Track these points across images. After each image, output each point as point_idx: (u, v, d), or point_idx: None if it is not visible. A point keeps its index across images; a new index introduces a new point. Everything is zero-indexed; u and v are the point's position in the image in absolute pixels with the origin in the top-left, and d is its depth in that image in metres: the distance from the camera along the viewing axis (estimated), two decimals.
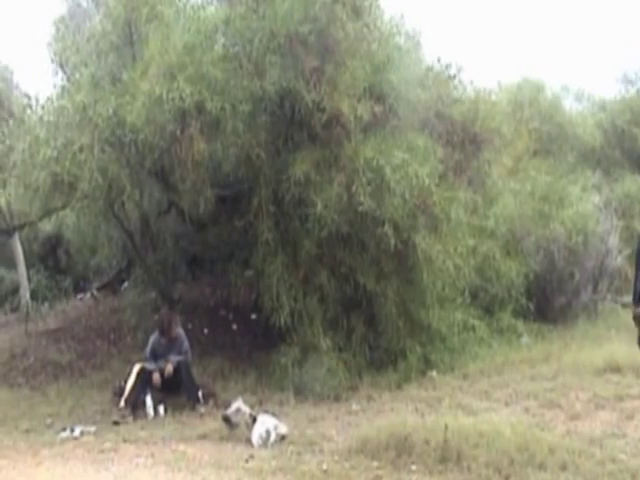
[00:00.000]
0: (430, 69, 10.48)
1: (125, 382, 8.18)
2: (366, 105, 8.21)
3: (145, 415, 7.79)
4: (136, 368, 8.18)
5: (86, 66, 8.99)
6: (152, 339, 8.40)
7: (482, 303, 10.11)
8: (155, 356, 8.24)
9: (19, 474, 6.05)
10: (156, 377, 7.98)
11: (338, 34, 8.23)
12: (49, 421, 7.76)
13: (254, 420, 6.57)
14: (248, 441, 6.44)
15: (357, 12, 8.67)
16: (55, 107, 8.58)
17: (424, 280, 8.55)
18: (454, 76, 10.69)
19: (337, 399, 7.85)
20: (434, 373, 8.46)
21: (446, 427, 5.57)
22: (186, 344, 8.31)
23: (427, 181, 8.08)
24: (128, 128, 7.85)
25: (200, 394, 8.04)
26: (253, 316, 9.77)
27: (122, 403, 7.94)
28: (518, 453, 5.32)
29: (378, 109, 8.42)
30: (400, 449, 5.67)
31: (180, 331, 8.42)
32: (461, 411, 6.70)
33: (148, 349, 8.34)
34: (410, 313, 8.73)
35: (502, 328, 9.99)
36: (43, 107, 9.08)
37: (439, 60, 10.51)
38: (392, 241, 7.88)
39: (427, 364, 8.59)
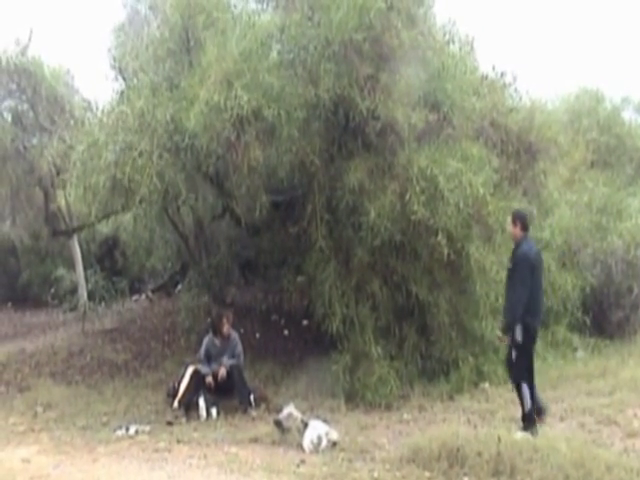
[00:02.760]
0: (485, 77, 10.34)
1: (179, 384, 8.31)
2: (420, 113, 8.18)
3: (198, 417, 7.90)
4: (190, 370, 8.32)
5: (144, 72, 9.17)
6: (206, 340, 8.51)
7: None
8: (209, 357, 8.35)
9: (77, 470, 6.22)
10: (209, 380, 8.09)
11: (393, 42, 8.20)
12: (105, 419, 7.95)
13: (305, 425, 6.60)
14: (299, 446, 6.48)
15: (412, 20, 8.63)
16: (114, 112, 8.74)
17: (477, 290, 8.47)
18: (509, 84, 10.56)
19: (388, 407, 7.83)
20: (487, 385, 8.36)
21: (499, 440, 5.50)
22: (239, 347, 8.40)
23: (481, 191, 7.99)
24: (185, 134, 7.98)
25: (252, 398, 8.12)
26: (305, 322, 9.81)
27: (175, 404, 8.09)
28: (574, 469, 5.21)
29: (432, 117, 8.38)
30: (452, 460, 5.61)
31: (233, 332, 8.52)
32: (515, 425, 6.59)
33: (202, 350, 8.45)
34: (463, 323, 8.65)
35: (557, 342, 9.80)
36: (103, 111, 9.33)
37: (494, 68, 10.41)
38: (445, 251, 7.81)
39: (480, 375, 8.48)
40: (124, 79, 10.21)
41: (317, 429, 6.52)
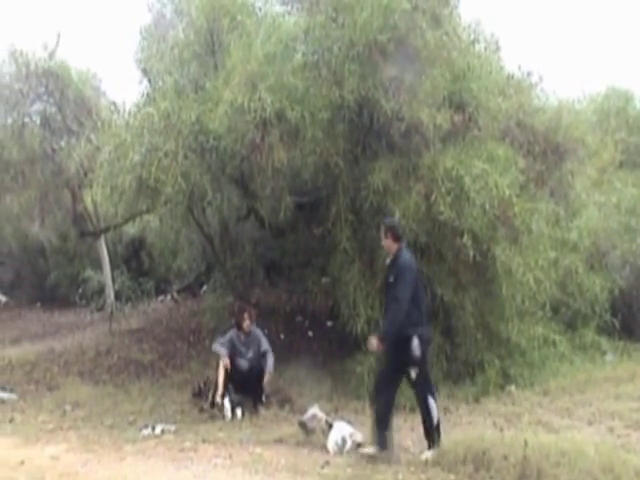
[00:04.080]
0: (511, 77, 10.26)
1: (204, 384, 8.33)
2: (446, 114, 8.14)
3: (223, 417, 7.94)
4: (222, 363, 8.29)
5: (170, 74, 9.27)
6: (231, 332, 8.51)
7: (564, 318, 9.84)
8: (234, 351, 8.32)
9: (104, 468, 6.28)
10: (225, 362, 8.13)
11: (417, 42, 8.18)
12: (131, 418, 8.02)
13: (330, 427, 6.60)
14: (324, 447, 6.47)
15: (437, 20, 8.61)
16: (140, 114, 8.83)
17: (503, 292, 8.38)
18: (536, 84, 10.46)
19: (413, 410, 7.69)
20: (513, 388, 8.29)
21: (526, 443, 5.44)
22: (265, 344, 8.37)
23: (507, 192, 7.93)
24: (210, 135, 8.04)
25: (264, 397, 8.17)
26: (329, 323, 9.82)
27: (218, 399, 8.06)
28: (602, 475, 5.14)
29: (458, 118, 8.33)
30: (478, 463, 5.57)
31: (256, 328, 8.51)
32: (541, 428, 6.54)
33: (225, 337, 8.45)
34: (489, 326, 8.58)
35: (585, 344, 9.70)
36: (129, 113, 9.43)
37: (520, 68, 10.32)
38: (471, 252, 7.77)
39: (506, 378, 8.41)
40: (150, 81, 10.32)
41: (341, 430, 6.50)
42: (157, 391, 9.24)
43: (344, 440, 6.40)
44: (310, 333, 10.27)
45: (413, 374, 6.07)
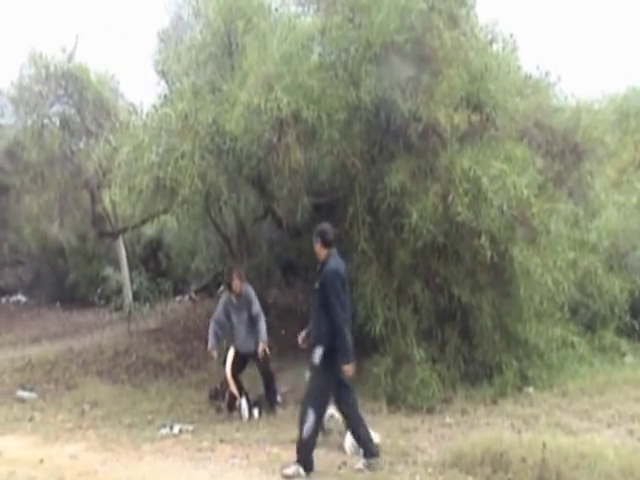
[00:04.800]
0: (529, 77, 10.20)
1: (221, 385, 8.37)
2: (463, 114, 8.09)
3: (240, 417, 7.96)
4: (231, 354, 8.33)
5: (187, 76, 9.30)
6: (223, 299, 8.54)
7: (583, 319, 9.74)
8: (228, 316, 8.40)
9: (123, 467, 6.35)
10: (213, 355, 8.38)
11: (434, 43, 8.15)
12: (150, 417, 8.08)
13: (347, 427, 6.59)
14: (341, 448, 6.49)
15: (454, 20, 8.56)
16: (158, 115, 8.87)
17: (521, 293, 8.32)
18: (554, 84, 10.39)
19: (430, 411, 7.77)
20: (531, 389, 8.23)
21: (544, 446, 5.41)
22: (256, 305, 8.30)
23: (525, 192, 7.87)
24: (227, 136, 8.06)
25: (278, 396, 8.34)
26: None
27: (235, 391, 8.11)
28: (622, 478, 5.12)
29: (475, 118, 8.28)
30: (496, 465, 5.56)
31: (248, 287, 8.42)
32: (560, 430, 6.50)
33: (218, 312, 8.45)
34: (506, 327, 8.52)
35: (604, 346, 9.60)
36: (147, 114, 9.49)
37: (538, 67, 10.25)
38: (488, 253, 7.71)
39: (524, 380, 8.35)
40: (167, 83, 10.39)
41: None
42: (175, 391, 9.29)
43: None
44: None
45: (307, 376, 6.07)
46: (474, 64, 8.69)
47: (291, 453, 6.02)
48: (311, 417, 5.82)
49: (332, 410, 6.86)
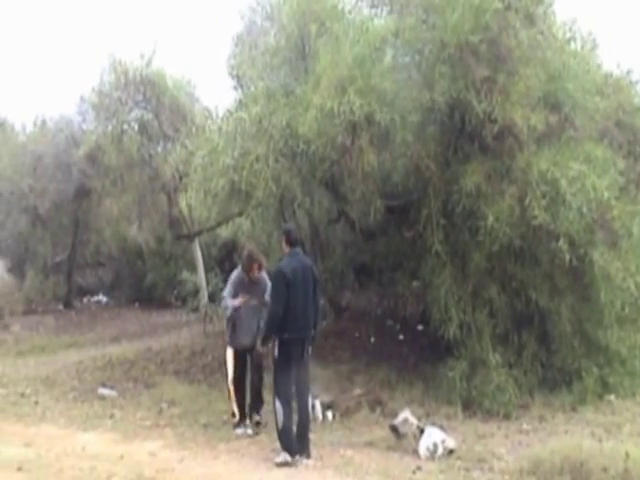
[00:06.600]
0: (609, 75, 9.92)
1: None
2: (540, 115, 7.92)
3: (314, 419, 7.99)
4: (229, 353, 7.75)
5: (261, 80, 9.41)
6: (235, 275, 7.74)
7: None
8: (236, 293, 7.63)
9: (199, 465, 6.48)
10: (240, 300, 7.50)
11: (510, 42, 8.00)
12: (225, 417, 8.15)
13: (421, 432, 6.56)
14: (415, 452, 6.45)
15: (530, 19, 8.38)
16: (233, 118, 9.01)
17: (602, 298, 8.05)
18: (636, 82, 10.06)
19: (507, 417, 7.63)
20: (612, 397, 7.97)
21: (627, 455, 5.25)
22: (267, 296, 7.33)
23: (606, 194, 7.65)
24: (300, 139, 8.11)
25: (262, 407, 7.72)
26: (420, 327, 9.75)
27: (235, 409, 7.64)
28: None
29: (553, 119, 8.09)
30: (575, 474, 5.42)
31: (265, 276, 7.66)
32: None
33: (229, 289, 7.68)
34: (586, 332, 8.29)
35: None
36: (222, 118, 9.67)
37: (619, 66, 9.95)
38: (567, 256, 7.51)
39: (604, 387, 8.10)
40: (242, 87, 10.53)
41: (433, 436, 6.45)
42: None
43: (436, 446, 6.36)
44: (401, 337, 10.21)
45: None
46: (552, 63, 8.51)
47: (365, 456, 6.03)
48: (279, 406, 6.47)
49: (406, 414, 6.84)
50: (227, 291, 7.76)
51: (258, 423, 7.64)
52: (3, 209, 17.12)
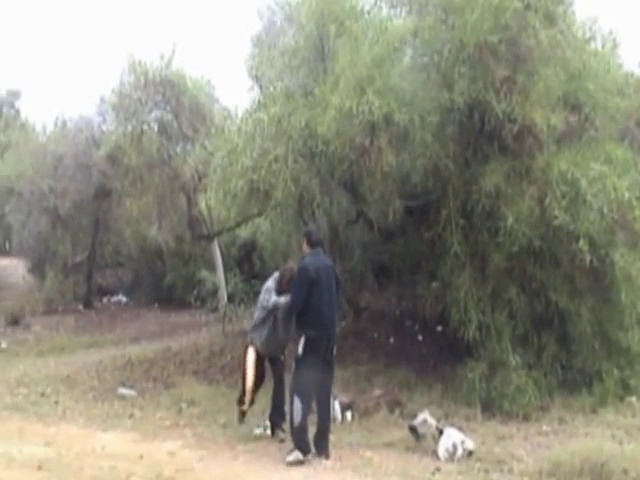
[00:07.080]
0: (630, 75, 9.87)
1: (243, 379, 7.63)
2: (560, 115, 7.89)
3: (333, 419, 7.99)
4: (251, 356, 7.45)
5: (280, 80, 9.46)
6: (269, 285, 7.30)
7: None
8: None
9: (218, 465, 6.51)
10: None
11: (530, 42, 7.96)
12: (244, 418, 8.23)
13: (440, 433, 6.55)
14: (434, 453, 6.44)
15: (550, 18, 8.34)
16: (252, 119, 9.05)
17: (623, 299, 8.00)
18: None
19: (526, 418, 7.59)
20: (634, 399, 7.89)
21: None
22: None
23: (627, 195, 7.60)
24: (319, 140, 8.13)
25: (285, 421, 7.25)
26: (439, 328, 9.71)
27: (246, 407, 7.56)
28: None
29: (573, 119, 8.06)
30: (596, 476, 5.39)
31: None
32: None
33: (263, 297, 7.30)
34: (607, 334, 8.23)
35: None
36: (241, 119, 9.70)
37: None
38: (587, 257, 7.47)
39: (625, 389, 8.03)
40: (261, 87, 10.55)
41: (452, 437, 6.44)
42: (269, 392, 9.39)
43: (455, 447, 6.34)
44: (420, 337, 10.18)
45: (292, 367, 6.66)
46: (572, 63, 8.47)
47: (384, 457, 6.02)
48: (298, 404, 6.43)
49: (425, 415, 6.83)
50: (270, 288, 7.26)
51: (282, 440, 7.23)
52: (24, 209, 17.26)
